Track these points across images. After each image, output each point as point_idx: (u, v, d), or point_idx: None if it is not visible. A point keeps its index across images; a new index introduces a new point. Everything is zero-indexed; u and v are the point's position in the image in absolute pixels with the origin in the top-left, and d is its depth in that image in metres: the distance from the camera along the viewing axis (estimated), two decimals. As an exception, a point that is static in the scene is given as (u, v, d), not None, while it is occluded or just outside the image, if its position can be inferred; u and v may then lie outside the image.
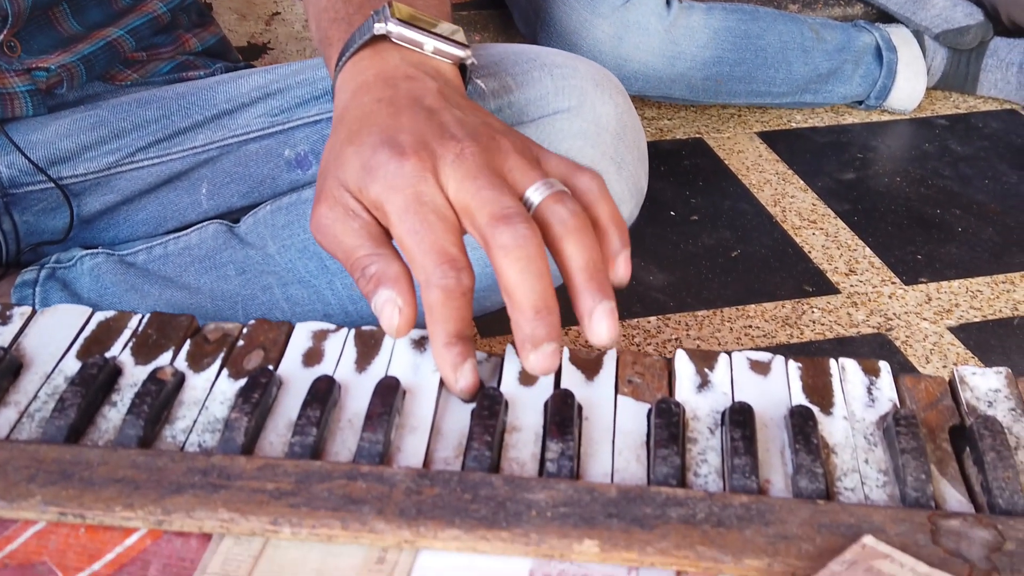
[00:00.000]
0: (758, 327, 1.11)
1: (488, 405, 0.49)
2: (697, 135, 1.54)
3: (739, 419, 0.49)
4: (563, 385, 0.53)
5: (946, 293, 1.18)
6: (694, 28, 1.45)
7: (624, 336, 1.09)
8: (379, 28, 0.60)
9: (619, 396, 0.52)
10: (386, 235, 0.53)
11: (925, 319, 1.14)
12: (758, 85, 1.53)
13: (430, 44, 0.61)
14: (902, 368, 1.04)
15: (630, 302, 1.14)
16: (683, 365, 0.54)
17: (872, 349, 1.07)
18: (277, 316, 0.82)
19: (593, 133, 0.75)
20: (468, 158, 0.52)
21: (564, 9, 1.42)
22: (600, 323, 0.49)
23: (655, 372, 0.54)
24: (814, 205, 1.36)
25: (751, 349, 1.07)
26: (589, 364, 0.54)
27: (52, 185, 0.83)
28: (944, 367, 1.05)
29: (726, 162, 1.47)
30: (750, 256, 1.25)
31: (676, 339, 1.08)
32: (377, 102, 0.57)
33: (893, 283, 1.20)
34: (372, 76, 0.59)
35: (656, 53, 1.43)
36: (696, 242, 1.27)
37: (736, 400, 0.51)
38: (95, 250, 0.87)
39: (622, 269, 0.53)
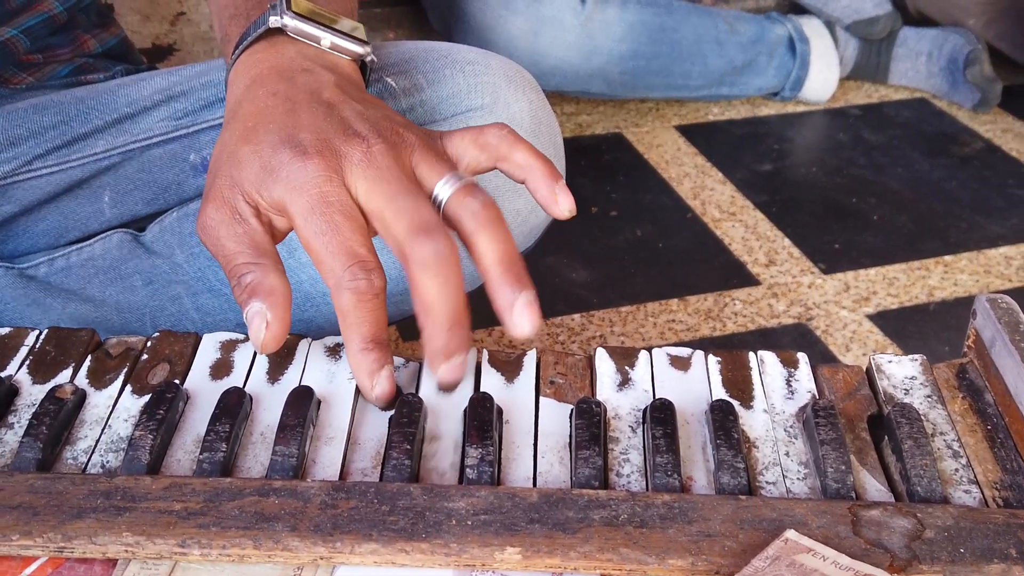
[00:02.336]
0: (681, 321, 1.11)
1: (407, 412, 0.48)
2: (616, 130, 1.54)
3: (660, 416, 0.48)
4: (483, 388, 0.52)
5: (863, 281, 1.20)
6: (609, 22, 1.45)
7: (548, 334, 1.08)
8: (274, 21, 0.58)
9: (541, 397, 0.51)
10: (271, 244, 0.52)
11: (844, 308, 1.15)
12: (675, 78, 1.54)
13: (327, 39, 0.59)
14: (823, 357, 1.05)
15: (553, 300, 1.13)
16: (604, 363, 0.53)
17: (793, 339, 1.08)
18: (188, 327, 0.80)
19: (507, 131, 0.73)
20: (376, 157, 0.51)
21: (478, 5, 1.41)
22: (521, 315, 0.49)
23: (577, 372, 0.53)
24: (733, 197, 1.37)
25: (674, 343, 1.07)
26: (509, 366, 0.53)
27: (-55, 197, 0.79)
28: (864, 355, 1.06)
29: (645, 156, 1.47)
30: (671, 250, 1.25)
31: (600, 336, 1.08)
32: (272, 96, 0.55)
33: (812, 273, 1.21)
34: (266, 69, 0.58)
35: (572, 48, 1.43)
36: (618, 237, 1.27)
37: (657, 397, 0.51)
38: (-7, 264, 0.83)
39: (564, 202, 0.53)
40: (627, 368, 0.53)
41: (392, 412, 0.49)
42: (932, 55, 1.65)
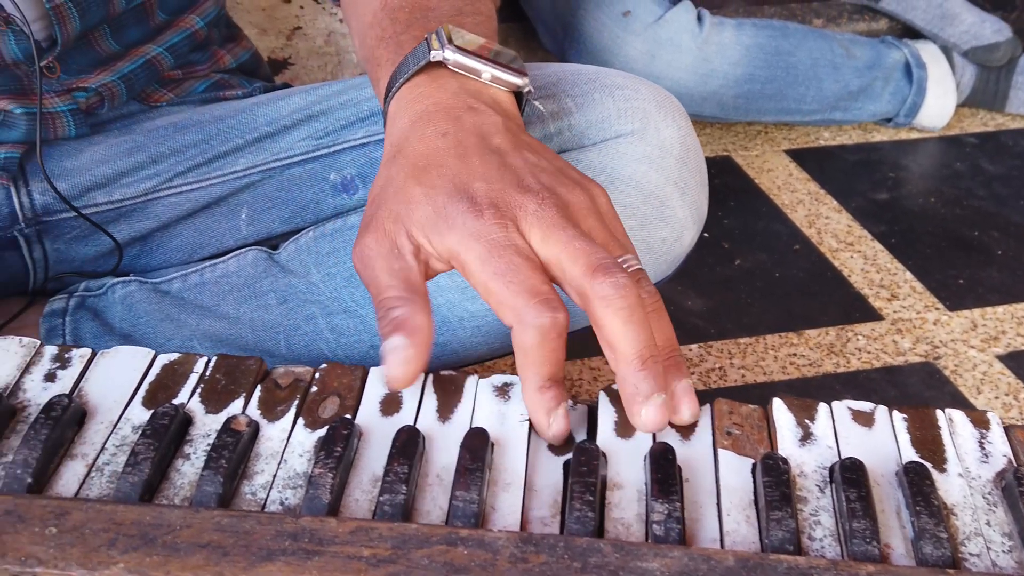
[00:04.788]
0: (803, 355, 1.08)
1: (586, 461, 0.46)
2: (725, 153, 1.51)
3: (852, 477, 0.46)
4: (658, 437, 0.50)
5: (991, 320, 1.16)
6: (726, 45, 1.43)
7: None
8: (436, 55, 0.58)
9: (719, 449, 0.49)
10: (423, 284, 0.52)
11: (972, 347, 1.11)
12: (788, 103, 1.51)
13: (488, 72, 0.58)
14: (953, 399, 1.02)
15: (670, 327, 1.11)
16: (782, 415, 0.51)
17: (921, 379, 1.05)
18: (321, 347, 0.79)
19: (657, 157, 0.72)
20: (550, 208, 0.51)
21: (595, 26, 1.40)
22: (682, 402, 0.50)
23: (753, 423, 0.51)
24: (849, 227, 1.34)
25: (798, 379, 1.04)
26: (682, 413, 0.51)
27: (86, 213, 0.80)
28: (996, 398, 1.03)
29: (756, 181, 1.44)
30: (788, 280, 1.22)
31: (720, 368, 1.05)
32: (442, 136, 0.55)
33: (937, 309, 1.17)
34: (431, 105, 0.57)
35: (689, 71, 1.41)
36: (732, 265, 1.25)
37: (845, 455, 0.48)
38: (127, 278, 0.84)
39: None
40: (807, 421, 0.51)
41: (568, 456, 0.48)
42: (1055, 84, 1.60)
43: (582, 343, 0.49)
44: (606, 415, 0.51)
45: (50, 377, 0.51)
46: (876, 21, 1.76)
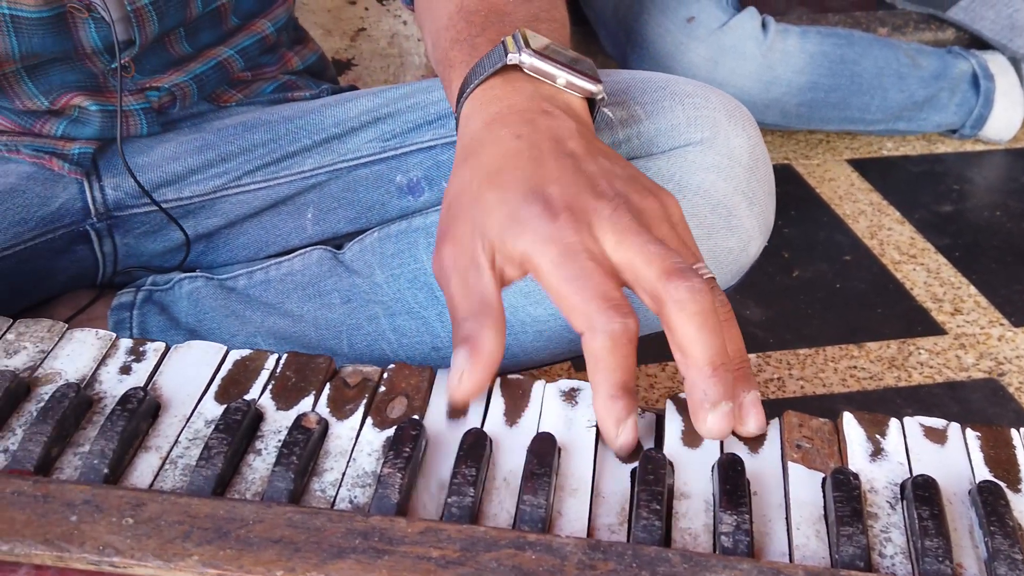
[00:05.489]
0: (864, 368, 1.07)
1: (653, 469, 0.46)
2: (785, 161, 1.50)
3: (925, 495, 0.45)
4: (726, 448, 0.50)
5: (1058, 337, 1.14)
6: (790, 53, 1.41)
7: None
8: (512, 58, 0.58)
9: (789, 463, 0.49)
10: (497, 299, 0.52)
11: (1038, 364, 1.09)
12: (852, 112, 1.49)
13: (563, 77, 0.58)
14: (1017, 417, 1.00)
15: (728, 336, 1.10)
16: (852, 430, 0.50)
17: (984, 395, 1.03)
18: (383, 347, 0.80)
19: (726, 167, 0.71)
20: (624, 214, 0.51)
21: (658, 31, 1.39)
22: (749, 414, 0.50)
23: (823, 436, 0.50)
24: (912, 239, 1.32)
25: (858, 392, 1.03)
26: (750, 424, 0.51)
27: (156, 208, 0.81)
28: (1062, 417, 1.01)
29: (817, 190, 1.43)
30: (849, 291, 1.21)
31: (778, 379, 1.04)
32: (516, 139, 0.55)
33: (1002, 324, 1.15)
34: (505, 108, 0.57)
35: (752, 78, 1.40)
36: (791, 275, 1.24)
37: (917, 472, 0.48)
38: (193, 273, 0.85)
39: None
40: (878, 437, 0.50)
41: (634, 464, 0.48)
42: None
43: (641, 349, 0.49)
44: (673, 424, 0.50)
45: (125, 370, 0.52)
46: (943, 31, 1.73)
